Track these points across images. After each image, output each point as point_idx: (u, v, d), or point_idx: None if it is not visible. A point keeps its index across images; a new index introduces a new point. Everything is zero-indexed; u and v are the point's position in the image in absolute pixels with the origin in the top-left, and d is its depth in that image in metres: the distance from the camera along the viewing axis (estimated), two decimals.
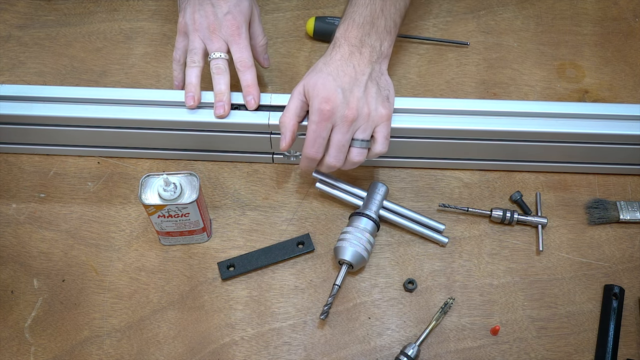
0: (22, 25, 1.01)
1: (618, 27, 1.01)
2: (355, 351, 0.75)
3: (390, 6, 0.79)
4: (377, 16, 0.78)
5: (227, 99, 0.79)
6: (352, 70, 0.74)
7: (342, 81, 0.74)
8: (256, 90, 0.80)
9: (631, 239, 0.82)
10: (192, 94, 0.80)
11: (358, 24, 0.77)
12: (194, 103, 0.79)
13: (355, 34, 0.76)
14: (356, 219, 0.79)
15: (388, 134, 0.76)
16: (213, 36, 0.80)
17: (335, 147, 0.75)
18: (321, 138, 0.74)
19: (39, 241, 0.82)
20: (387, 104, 0.76)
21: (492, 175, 0.87)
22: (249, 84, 0.80)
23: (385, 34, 0.78)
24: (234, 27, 0.79)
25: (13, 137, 0.86)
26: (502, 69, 0.96)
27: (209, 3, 0.80)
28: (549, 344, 0.75)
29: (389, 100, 0.76)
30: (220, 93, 0.79)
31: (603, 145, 0.82)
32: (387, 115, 0.75)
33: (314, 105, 0.73)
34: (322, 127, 0.73)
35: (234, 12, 0.80)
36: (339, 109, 0.73)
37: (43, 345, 0.75)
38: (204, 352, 0.75)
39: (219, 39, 0.80)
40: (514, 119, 0.81)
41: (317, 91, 0.73)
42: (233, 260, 0.80)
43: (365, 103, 0.74)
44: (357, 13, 0.78)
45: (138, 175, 0.87)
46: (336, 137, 0.74)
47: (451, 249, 0.82)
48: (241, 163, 0.88)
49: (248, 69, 0.80)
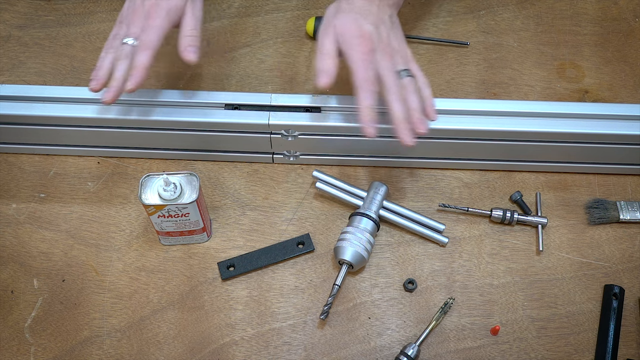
0: (22, 25, 1.01)
1: (618, 27, 1.01)
2: (355, 351, 0.75)
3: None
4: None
5: (118, 85, 0.75)
6: (376, 9, 0.76)
7: (370, 20, 0.75)
8: (140, 74, 0.74)
9: (631, 239, 0.82)
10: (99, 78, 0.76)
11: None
12: (98, 88, 0.76)
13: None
14: (356, 219, 0.79)
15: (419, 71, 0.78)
16: (131, 21, 0.77)
17: (389, 73, 0.74)
18: (371, 69, 0.74)
19: (39, 241, 0.82)
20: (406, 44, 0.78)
21: (492, 175, 0.87)
22: (136, 64, 0.75)
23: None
24: (152, 10, 0.76)
25: (13, 137, 0.86)
26: (502, 69, 0.96)
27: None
28: (549, 344, 0.76)
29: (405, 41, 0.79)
30: (114, 79, 0.75)
31: (603, 145, 0.82)
32: (411, 53, 0.78)
33: (352, 43, 0.74)
34: (369, 59, 0.74)
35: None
36: (377, 44, 0.74)
37: (43, 345, 0.75)
38: (204, 352, 0.75)
39: (135, 25, 0.77)
40: (514, 119, 0.81)
41: (351, 29, 0.74)
42: (233, 260, 0.80)
43: (395, 39, 0.77)
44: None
45: (138, 175, 0.87)
46: (385, 67, 0.74)
47: (451, 249, 0.82)
48: (241, 163, 0.88)
49: (143, 51, 0.75)
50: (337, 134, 0.82)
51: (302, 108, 0.82)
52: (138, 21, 0.77)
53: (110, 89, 0.75)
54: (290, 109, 0.81)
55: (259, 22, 1.01)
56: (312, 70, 0.96)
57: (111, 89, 0.75)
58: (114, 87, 0.75)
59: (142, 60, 0.75)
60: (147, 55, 0.75)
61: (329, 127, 0.81)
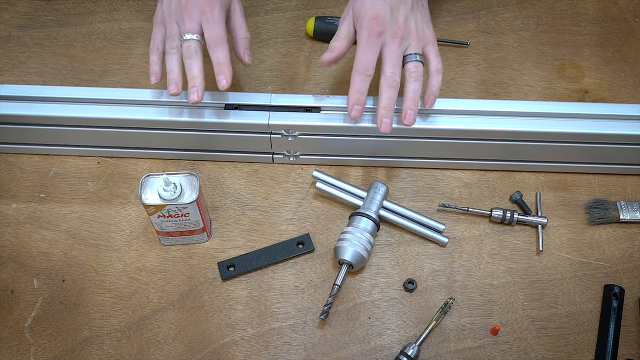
0: (22, 25, 1.01)
1: (618, 27, 1.01)
2: (355, 351, 0.75)
3: None
4: None
5: (199, 83, 0.75)
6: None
7: (388, 1, 0.74)
8: (228, 68, 0.76)
9: (631, 239, 0.82)
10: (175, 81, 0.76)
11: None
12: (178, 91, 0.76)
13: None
14: (356, 219, 0.79)
15: (438, 51, 0.77)
16: (185, 17, 0.76)
17: (390, 59, 0.75)
18: (372, 53, 0.74)
19: (39, 241, 0.82)
20: (431, 25, 0.78)
21: (492, 175, 0.87)
22: (220, 61, 0.75)
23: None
24: (206, 5, 0.75)
25: (13, 137, 0.86)
26: (502, 69, 0.96)
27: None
28: (549, 344, 0.75)
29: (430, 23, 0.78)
30: (193, 78, 0.75)
31: (603, 145, 0.82)
32: (433, 36, 0.77)
33: (363, 24, 0.74)
34: (373, 41, 0.74)
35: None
36: (388, 26, 0.74)
37: (43, 345, 0.75)
38: (204, 352, 0.75)
39: (191, 20, 0.76)
40: (514, 119, 0.81)
41: (366, 10, 0.74)
42: (233, 260, 0.80)
43: (413, 21, 0.75)
44: None
45: (138, 175, 0.87)
46: (389, 51, 0.74)
47: (451, 249, 0.82)
48: (241, 163, 0.88)
49: (219, 46, 0.75)
50: (337, 134, 0.82)
51: (302, 108, 0.82)
52: (192, 17, 0.76)
53: (194, 90, 0.75)
54: (290, 109, 0.81)
55: (259, 22, 1.01)
56: (312, 70, 0.96)
57: (194, 89, 0.75)
58: (197, 86, 0.75)
59: (222, 55, 0.75)
60: (224, 49, 0.75)
61: (329, 127, 0.81)
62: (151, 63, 0.79)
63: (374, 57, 0.74)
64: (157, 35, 0.79)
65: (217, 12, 0.76)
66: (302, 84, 0.94)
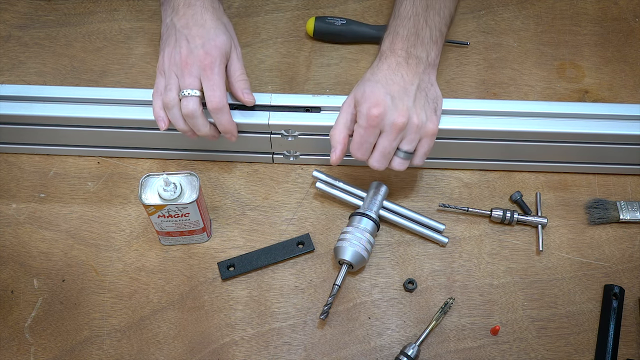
0: (22, 25, 1.01)
1: (618, 27, 1.01)
2: (355, 351, 0.75)
3: (434, 16, 0.78)
4: (422, 27, 0.77)
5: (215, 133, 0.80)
6: (400, 80, 0.74)
7: (391, 89, 0.73)
8: (234, 128, 0.79)
9: (631, 239, 0.82)
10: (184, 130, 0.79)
11: (403, 37, 0.76)
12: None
13: (401, 46, 0.76)
14: (356, 219, 0.79)
15: (429, 150, 0.76)
16: (185, 71, 0.76)
17: (381, 152, 0.74)
18: (368, 143, 0.74)
19: (39, 241, 0.82)
20: (435, 117, 0.75)
21: (492, 175, 0.87)
22: (225, 128, 0.78)
23: (431, 44, 0.77)
24: (207, 61, 0.75)
25: (13, 137, 0.86)
26: (502, 69, 0.96)
27: (184, 39, 0.77)
28: (549, 344, 0.75)
29: (436, 113, 0.76)
30: (206, 135, 0.79)
31: (603, 145, 0.82)
32: (434, 131, 0.75)
33: (362, 111, 0.72)
34: (370, 132, 0.73)
35: (208, 47, 0.75)
36: (388, 115, 0.72)
37: (43, 345, 0.75)
38: (204, 352, 0.75)
39: (190, 74, 0.76)
40: (514, 119, 0.81)
41: (366, 97, 0.73)
42: (233, 260, 0.80)
43: (415, 113, 0.73)
44: (401, 26, 0.77)
45: (138, 175, 0.87)
46: (383, 143, 0.74)
47: (451, 249, 0.82)
48: (241, 163, 0.88)
49: (220, 110, 0.76)
50: None
51: (302, 108, 0.82)
52: (191, 72, 0.76)
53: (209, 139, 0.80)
54: (290, 109, 0.81)
55: (259, 22, 1.01)
56: (312, 70, 0.96)
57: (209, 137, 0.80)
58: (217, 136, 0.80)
59: (225, 119, 0.77)
60: (226, 112, 0.77)
61: (329, 127, 0.80)
62: (155, 108, 0.79)
63: (370, 147, 0.74)
64: (160, 84, 0.79)
65: (217, 70, 0.76)
66: (302, 84, 0.94)
